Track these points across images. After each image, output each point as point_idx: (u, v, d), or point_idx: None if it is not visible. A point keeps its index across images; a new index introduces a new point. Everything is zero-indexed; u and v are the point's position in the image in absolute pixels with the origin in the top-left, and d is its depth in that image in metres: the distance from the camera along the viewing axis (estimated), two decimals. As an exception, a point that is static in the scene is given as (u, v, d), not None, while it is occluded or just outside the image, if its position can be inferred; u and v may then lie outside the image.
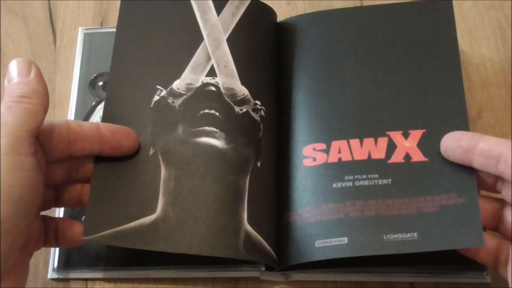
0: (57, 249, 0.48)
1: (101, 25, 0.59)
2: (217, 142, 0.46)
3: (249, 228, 0.44)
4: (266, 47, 0.52)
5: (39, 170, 0.37)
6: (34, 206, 0.37)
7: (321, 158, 0.47)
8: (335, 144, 0.47)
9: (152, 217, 0.44)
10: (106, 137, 0.43)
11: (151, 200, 0.44)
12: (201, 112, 0.47)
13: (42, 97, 0.39)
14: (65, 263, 0.47)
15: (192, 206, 0.44)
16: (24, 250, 0.39)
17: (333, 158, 0.47)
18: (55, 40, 0.58)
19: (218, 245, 0.43)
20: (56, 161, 0.42)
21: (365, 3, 0.59)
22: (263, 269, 0.46)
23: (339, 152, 0.47)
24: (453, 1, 0.50)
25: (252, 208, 0.45)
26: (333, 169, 0.46)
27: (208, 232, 0.43)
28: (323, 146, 0.47)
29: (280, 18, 0.57)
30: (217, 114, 0.47)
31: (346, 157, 0.46)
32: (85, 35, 0.56)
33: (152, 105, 0.47)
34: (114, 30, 0.49)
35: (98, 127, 0.43)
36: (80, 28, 0.56)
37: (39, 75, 0.40)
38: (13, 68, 0.40)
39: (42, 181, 0.38)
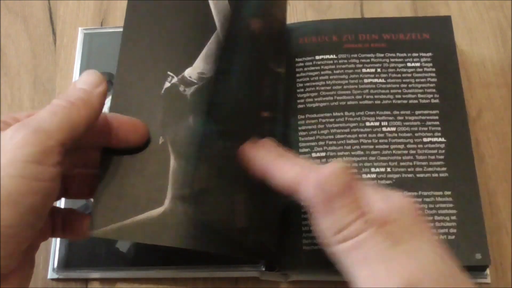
0: (57, 249, 0.48)
1: (101, 25, 0.59)
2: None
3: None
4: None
5: (59, 179, 0.35)
6: (44, 214, 0.35)
7: None
8: None
9: (160, 209, 0.42)
10: (114, 129, 0.40)
11: (159, 192, 0.42)
12: None
13: (93, 113, 0.37)
14: (65, 263, 0.47)
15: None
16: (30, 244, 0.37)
17: None
18: (55, 40, 0.58)
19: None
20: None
21: (365, 3, 0.59)
22: (263, 269, 0.46)
23: None
24: (453, 1, 0.50)
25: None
26: None
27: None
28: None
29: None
30: None
31: None
32: (85, 35, 0.56)
33: (163, 91, 0.46)
34: (114, 30, 0.49)
35: (105, 118, 0.40)
36: (79, 28, 0.56)
37: (104, 94, 0.38)
38: (87, 75, 0.38)
39: (58, 190, 0.35)
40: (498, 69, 0.56)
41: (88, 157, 0.42)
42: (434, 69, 0.51)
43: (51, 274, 0.48)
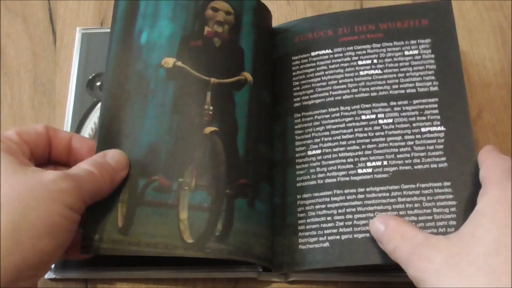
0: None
1: (101, 25, 0.59)
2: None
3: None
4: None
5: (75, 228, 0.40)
6: (65, 248, 0.40)
7: None
8: None
9: None
10: (75, 149, 0.45)
11: None
12: None
13: (111, 189, 0.43)
14: (64, 263, 0.47)
15: None
16: None
17: None
18: (55, 40, 0.58)
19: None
20: (39, 165, 0.43)
21: (365, 3, 0.59)
22: (260, 270, 0.47)
23: None
24: (453, 1, 0.50)
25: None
26: None
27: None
28: None
29: (280, 18, 0.57)
30: None
31: None
32: (83, 35, 0.56)
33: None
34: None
35: (70, 137, 0.45)
36: (78, 28, 0.56)
37: (123, 178, 0.44)
38: (118, 155, 0.44)
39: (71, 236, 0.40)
40: (498, 69, 0.56)
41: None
42: (433, 56, 0.50)
43: (49, 274, 0.47)
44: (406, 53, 0.50)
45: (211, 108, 0.47)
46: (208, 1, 0.50)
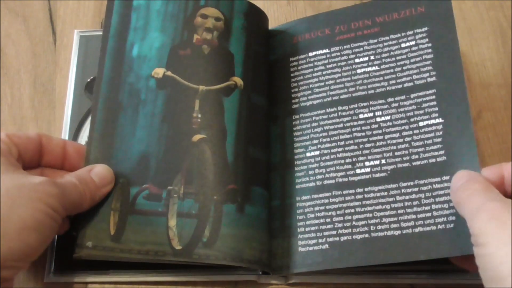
0: (55, 252, 0.48)
1: (101, 26, 0.59)
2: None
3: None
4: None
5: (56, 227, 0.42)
6: (48, 244, 0.42)
7: None
8: None
9: None
10: (70, 155, 0.47)
11: None
12: None
13: (92, 203, 0.45)
14: (64, 267, 0.47)
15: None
16: None
17: None
18: (55, 40, 0.58)
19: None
20: (28, 168, 0.45)
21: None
22: (260, 272, 0.47)
23: None
24: (453, 1, 0.50)
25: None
26: None
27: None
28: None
29: (280, 18, 0.56)
30: None
31: None
32: (81, 37, 0.56)
33: None
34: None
35: (64, 144, 0.47)
36: (75, 31, 0.56)
37: (107, 193, 0.46)
38: (103, 170, 0.46)
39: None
40: (498, 69, 0.56)
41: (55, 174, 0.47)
42: (430, 45, 0.49)
43: (49, 278, 0.47)
44: (403, 45, 0.50)
45: (199, 116, 0.48)
46: (198, 8, 0.51)
